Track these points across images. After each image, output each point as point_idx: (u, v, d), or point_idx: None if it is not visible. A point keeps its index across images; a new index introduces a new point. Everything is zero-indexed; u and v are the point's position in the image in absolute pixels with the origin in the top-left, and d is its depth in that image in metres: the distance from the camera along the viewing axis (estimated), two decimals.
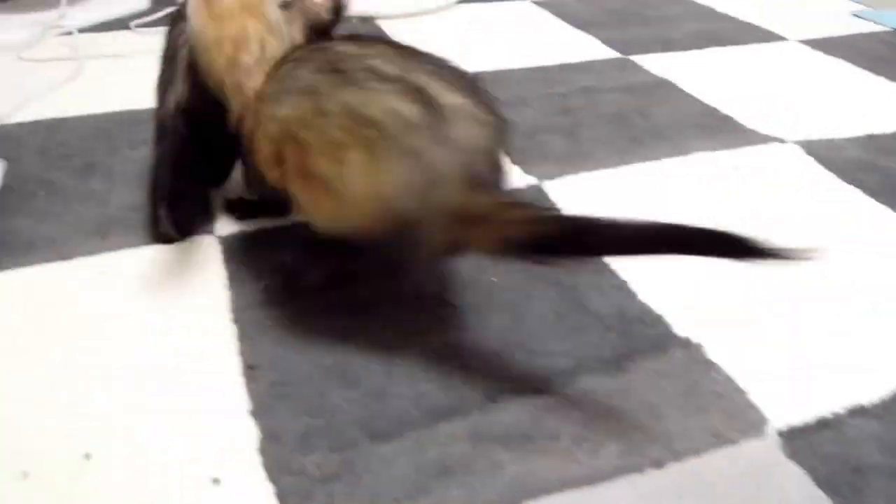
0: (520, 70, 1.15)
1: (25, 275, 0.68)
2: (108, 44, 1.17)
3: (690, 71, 1.17)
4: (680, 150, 0.92)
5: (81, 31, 1.23)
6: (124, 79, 1.07)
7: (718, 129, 0.98)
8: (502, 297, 0.68)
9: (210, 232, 0.74)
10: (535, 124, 0.98)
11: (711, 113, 1.03)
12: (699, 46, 1.27)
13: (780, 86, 1.14)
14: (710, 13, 1.47)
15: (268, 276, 0.68)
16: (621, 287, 0.69)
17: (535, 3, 1.49)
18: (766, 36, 1.34)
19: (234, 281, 0.68)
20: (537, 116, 1.00)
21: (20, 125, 0.93)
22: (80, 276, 0.68)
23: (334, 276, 0.68)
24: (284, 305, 0.65)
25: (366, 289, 0.67)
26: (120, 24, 1.28)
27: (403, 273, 0.63)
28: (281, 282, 0.67)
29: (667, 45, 1.27)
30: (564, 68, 1.16)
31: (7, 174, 0.82)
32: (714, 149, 0.92)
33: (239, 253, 0.72)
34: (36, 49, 1.16)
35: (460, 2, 1.45)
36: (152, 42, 1.20)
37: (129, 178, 0.82)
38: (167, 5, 1.35)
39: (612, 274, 0.71)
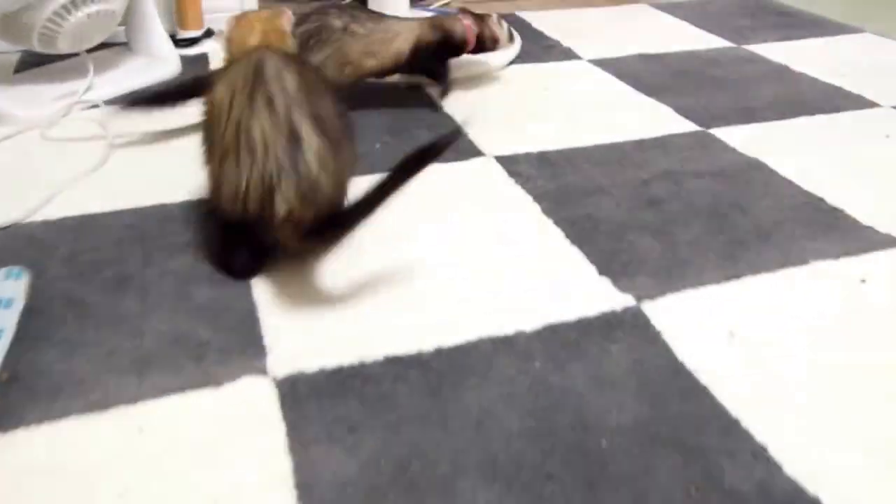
0: (591, 148, 1.04)
1: (50, 433, 0.57)
2: (138, 117, 1.09)
3: (781, 147, 1.05)
4: (793, 256, 0.80)
5: (110, 102, 1.14)
6: (156, 162, 0.98)
7: (831, 227, 0.86)
8: (617, 468, 0.56)
9: (263, 371, 0.64)
10: (620, 221, 0.86)
11: (817, 204, 0.91)
12: (784, 115, 1.16)
13: (885, 165, 1.01)
14: (786, 73, 1.35)
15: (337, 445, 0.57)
16: (759, 454, 0.57)
17: (592, 62, 1.38)
18: (855, 102, 1.22)
19: (296, 442, 0.57)
20: (621, 210, 0.88)
21: (46, 225, 0.83)
22: (114, 433, 0.57)
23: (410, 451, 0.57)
24: (358, 482, 0.54)
25: (446, 459, 0.56)
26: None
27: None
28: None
29: (748, 115, 1.15)
30: (640, 146, 1.05)
31: (31, 289, 0.72)
32: (834, 255, 0.80)
33: (299, 402, 0.60)
34: (61, 126, 1.07)
35: (512, 63, 1.35)
36: (185, 114, 1.12)
37: (166, 298, 0.71)
38: (199, 71, 1.27)
39: (746, 435, 0.58)
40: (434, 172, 1.00)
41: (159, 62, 1.30)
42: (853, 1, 1.87)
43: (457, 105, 1.18)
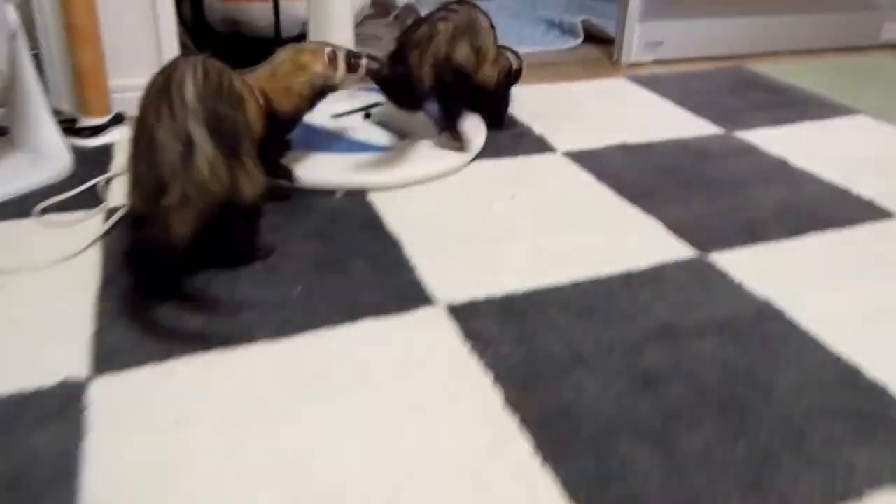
0: (568, 288, 0.83)
1: None
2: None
3: (795, 281, 0.86)
4: (839, 482, 0.59)
5: None
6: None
7: (876, 421, 0.66)
8: None
9: None
10: (607, 417, 0.65)
11: (853, 380, 0.71)
12: (794, 231, 0.97)
13: None
14: (786, 170, 1.17)
15: None
16: None
17: (568, 155, 1.18)
18: (867, 210, 1.04)
19: None
20: (608, 396, 0.67)
21: None
22: None
23: None
24: None
25: None
26: (19, 207, 0.95)
27: None
28: None
29: (751, 232, 0.96)
30: (628, 283, 0.84)
31: None
32: (890, 476, 0.59)
33: None
34: None
35: (475, 160, 1.14)
36: (60, 239, 0.87)
37: None
38: (94, 173, 1.03)
39: None
40: (361, 336, 0.76)
41: (44, 159, 1.06)
42: (840, 71, 1.74)
43: (406, 221, 0.96)
